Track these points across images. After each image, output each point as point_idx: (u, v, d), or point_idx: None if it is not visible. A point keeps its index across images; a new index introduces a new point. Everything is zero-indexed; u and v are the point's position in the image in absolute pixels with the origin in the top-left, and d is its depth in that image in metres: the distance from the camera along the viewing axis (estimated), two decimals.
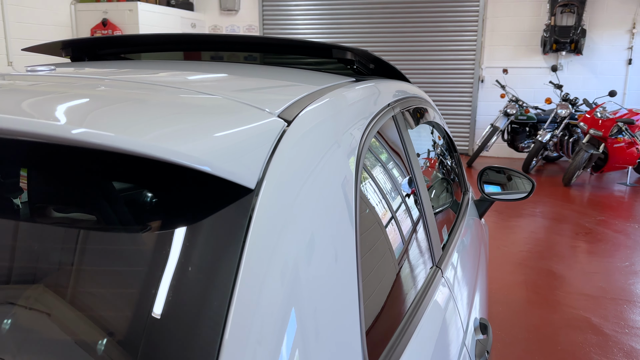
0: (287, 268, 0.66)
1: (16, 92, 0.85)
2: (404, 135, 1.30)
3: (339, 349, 0.71)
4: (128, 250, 0.71)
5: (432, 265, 1.24)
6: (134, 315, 0.64)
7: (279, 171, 0.72)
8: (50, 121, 0.65)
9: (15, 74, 1.07)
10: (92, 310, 0.69)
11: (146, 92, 0.89)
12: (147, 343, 0.61)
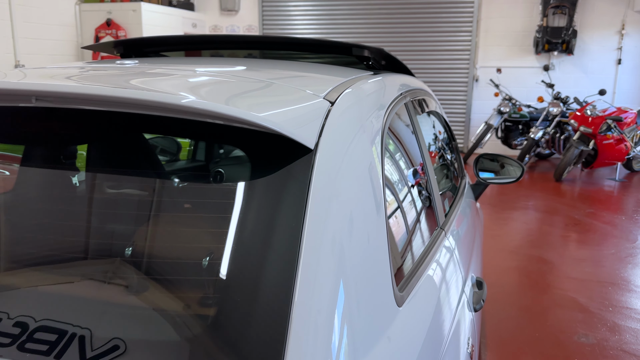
0: (341, 201, 0.90)
1: (128, 76, 1.08)
2: (414, 120, 1.54)
3: (375, 290, 0.93)
4: (217, 202, 0.94)
5: (438, 228, 1.49)
6: (216, 264, 0.87)
7: (328, 137, 0.96)
8: (168, 93, 0.89)
9: (115, 65, 1.30)
10: (186, 255, 0.92)
11: (222, 78, 1.13)
12: (230, 292, 0.82)
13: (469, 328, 1.38)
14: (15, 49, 7.79)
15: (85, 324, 0.83)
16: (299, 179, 0.89)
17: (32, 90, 0.94)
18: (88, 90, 0.89)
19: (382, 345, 0.88)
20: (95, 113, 1.00)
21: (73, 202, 1.01)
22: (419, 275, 1.16)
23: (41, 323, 0.81)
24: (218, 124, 0.90)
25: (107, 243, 0.95)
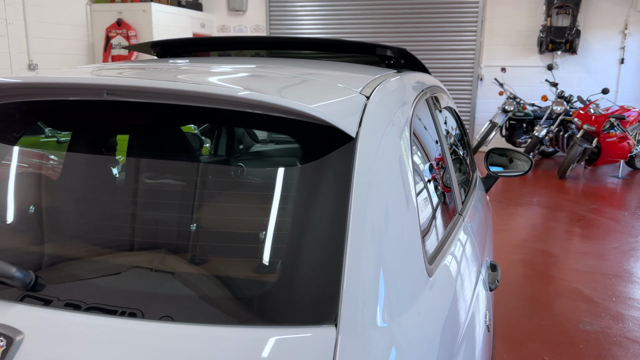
0: (379, 181, 1.03)
1: (189, 73, 1.22)
2: (434, 115, 1.67)
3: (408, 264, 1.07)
4: (275, 184, 1.08)
5: (457, 214, 1.62)
6: (280, 237, 1.01)
7: (366, 128, 1.09)
8: (226, 87, 1.02)
9: (168, 63, 1.44)
10: (241, 232, 1.05)
11: (268, 75, 1.27)
12: (283, 271, 0.95)
13: (486, 303, 1.51)
14: (28, 48, 7.94)
15: (162, 280, 0.97)
16: (344, 162, 1.03)
17: (112, 84, 1.08)
18: (165, 85, 1.03)
19: (415, 309, 1.01)
20: (157, 106, 1.14)
21: (147, 185, 1.14)
22: (444, 253, 1.29)
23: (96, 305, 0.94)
24: (268, 115, 1.04)
25: (183, 219, 1.09)
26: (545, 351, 2.93)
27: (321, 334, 0.85)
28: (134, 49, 2.05)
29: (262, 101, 0.99)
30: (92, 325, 0.90)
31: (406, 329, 0.95)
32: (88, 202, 1.19)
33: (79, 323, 0.91)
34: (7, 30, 7.63)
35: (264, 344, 0.84)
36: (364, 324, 0.89)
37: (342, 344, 0.85)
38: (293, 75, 1.33)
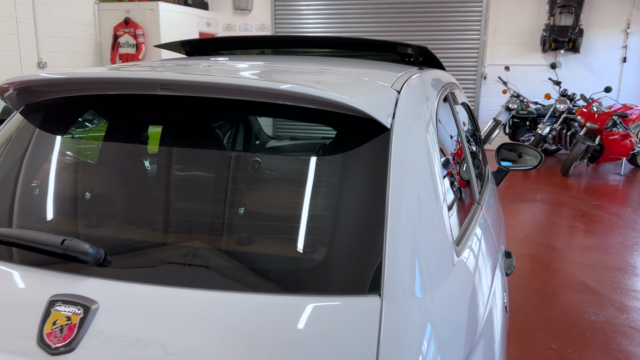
0: (411, 168, 1.13)
1: (235, 70, 1.32)
2: (454, 109, 1.77)
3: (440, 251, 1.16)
4: (321, 171, 1.18)
5: (475, 203, 1.72)
6: (329, 218, 1.11)
7: (399, 119, 1.19)
8: (275, 81, 1.12)
9: (209, 61, 1.54)
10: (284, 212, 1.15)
11: (306, 71, 1.37)
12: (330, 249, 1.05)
13: (503, 285, 1.62)
14: (38, 46, 8.04)
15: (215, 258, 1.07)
16: (380, 150, 1.13)
17: (168, 79, 1.17)
18: (222, 80, 1.13)
19: (447, 283, 1.11)
20: (207, 100, 1.24)
21: (207, 169, 1.25)
22: (467, 237, 1.39)
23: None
24: (309, 107, 1.14)
25: (240, 202, 1.18)
26: (552, 340, 3.03)
27: (368, 302, 0.95)
28: (165, 48, 2.15)
29: (313, 95, 1.08)
30: (155, 294, 1.00)
31: (438, 301, 1.05)
32: (141, 185, 1.29)
33: (144, 293, 1.01)
34: (17, 29, 7.73)
35: (324, 310, 0.95)
36: (404, 294, 0.99)
37: (386, 310, 0.95)
38: (328, 71, 1.43)
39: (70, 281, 1.03)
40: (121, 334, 0.96)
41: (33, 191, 1.31)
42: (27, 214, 1.25)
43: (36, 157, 1.36)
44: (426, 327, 0.98)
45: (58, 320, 0.98)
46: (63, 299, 1.00)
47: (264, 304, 0.96)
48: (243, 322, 0.94)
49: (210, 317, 0.95)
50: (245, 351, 0.91)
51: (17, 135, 1.38)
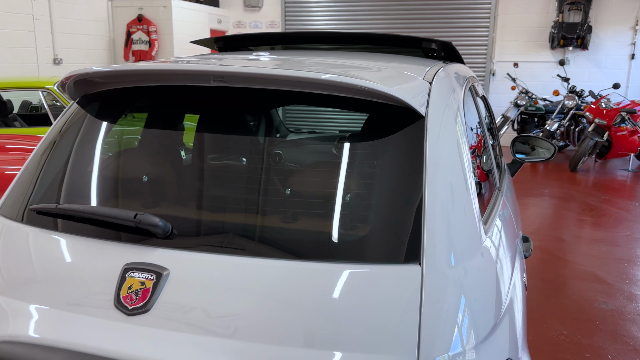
0: (444, 153, 1.24)
1: (277, 62, 1.44)
2: (476, 101, 1.88)
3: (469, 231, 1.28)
4: (360, 155, 1.29)
5: (496, 189, 1.83)
6: (373, 197, 1.22)
7: (432, 108, 1.31)
8: (316, 72, 1.24)
9: (249, 56, 1.66)
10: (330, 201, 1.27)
11: (339, 64, 1.48)
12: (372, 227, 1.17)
13: (522, 266, 1.73)
14: (53, 43, 8.18)
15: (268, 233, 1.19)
16: (417, 136, 1.24)
17: (224, 71, 1.29)
18: (273, 72, 1.24)
19: (477, 257, 1.22)
20: (255, 91, 1.35)
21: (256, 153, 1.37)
22: (492, 218, 1.51)
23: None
24: (347, 96, 1.26)
25: (288, 182, 1.30)
26: (563, 326, 3.14)
27: (411, 270, 1.07)
28: (199, 44, 2.26)
29: (358, 85, 1.19)
30: (218, 261, 1.12)
31: (470, 272, 1.16)
32: (197, 166, 1.41)
33: (208, 261, 1.13)
34: (33, 26, 7.87)
35: (373, 275, 1.06)
36: (441, 263, 1.10)
37: (426, 277, 1.06)
38: (364, 64, 1.55)
39: (142, 251, 1.15)
40: (190, 296, 1.08)
41: (93, 174, 1.43)
42: (95, 194, 1.37)
43: (94, 143, 1.48)
44: (461, 292, 1.10)
45: (133, 285, 1.10)
46: (136, 267, 1.12)
47: (327, 271, 1.07)
48: (304, 285, 1.05)
49: (267, 281, 1.07)
50: (305, 310, 1.03)
51: (75, 123, 1.50)
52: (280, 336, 1.01)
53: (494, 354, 1.11)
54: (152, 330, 1.06)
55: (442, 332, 1.02)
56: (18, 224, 1.31)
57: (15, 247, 1.26)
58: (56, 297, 1.15)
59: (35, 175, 1.41)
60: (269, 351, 1.00)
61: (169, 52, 9.21)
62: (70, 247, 1.21)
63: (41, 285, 1.18)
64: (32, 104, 7.10)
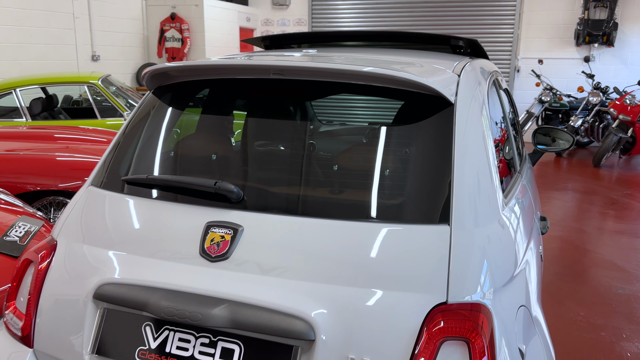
0: (472, 129, 1.46)
1: (327, 57, 1.68)
2: (499, 93, 2.10)
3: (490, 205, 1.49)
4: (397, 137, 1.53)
5: (517, 172, 2.04)
6: (412, 172, 1.45)
7: (460, 96, 1.53)
8: (362, 66, 1.47)
9: (297, 53, 1.91)
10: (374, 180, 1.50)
11: (371, 59, 1.71)
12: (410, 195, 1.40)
13: (539, 239, 1.94)
14: (92, 40, 8.56)
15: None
16: (447, 119, 1.47)
17: (284, 65, 1.53)
18: (326, 66, 1.48)
19: (497, 222, 1.44)
20: (308, 82, 1.59)
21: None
22: (513, 193, 1.72)
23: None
24: (387, 87, 1.48)
25: (340, 158, 1.53)
26: (581, 308, 3.32)
27: (442, 229, 1.30)
28: (249, 42, 2.51)
29: (397, 76, 1.42)
30: (283, 220, 1.36)
31: (491, 233, 1.38)
32: (262, 144, 1.65)
33: (275, 219, 1.37)
34: (74, 24, 8.26)
35: (403, 234, 1.29)
36: (466, 224, 1.33)
37: (453, 234, 1.29)
38: (401, 59, 1.78)
39: (220, 212, 1.40)
40: (260, 247, 1.32)
41: (168, 151, 1.69)
42: (174, 168, 1.63)
43: (167, 126, 1.74)
44: (482, 249, 1.32)
45: (214, 239, 1.36)
46: (217, 224, 1.37)
47: (372, 229, 1.31)
48: (356, 239, 1.29)
49: (324, 236, 1.31)
50: (358, 257, 1.26)
51: (150, 110, 1.76)
52: (337, 277, 1.25)
53: (509, 300, 1.33)
54: (231, 272, 1.31)
55: (466, 278, 1.25)
56: (111, 192, 1.58)
57: (111, 211, 1.53)
58: (151, 248, 1.41)
59: (118, 153, 1.68)
60: (327, 289, 1.24)
61: (201, 50, 9.54)
62: (159, 209, 1.47)
63: (137, 240, 1.44)
64: (73, 98, 7.49)
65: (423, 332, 1.18)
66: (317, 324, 1.20)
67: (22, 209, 2.93)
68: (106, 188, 1.60)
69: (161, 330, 1.31)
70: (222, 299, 1.27)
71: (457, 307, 1.20)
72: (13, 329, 1.51)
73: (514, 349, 1.25)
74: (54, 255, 1.51)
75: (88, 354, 1.36)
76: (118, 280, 1.37)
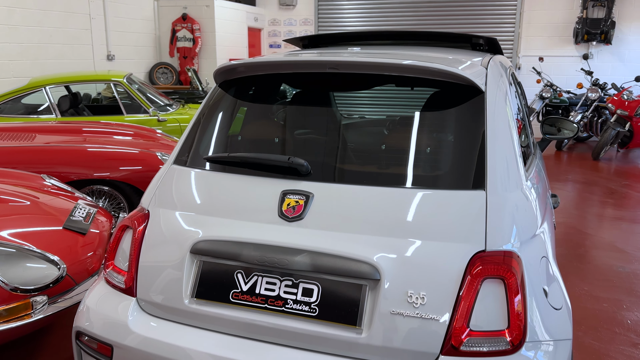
0: (500, 114, 1.76)
1: (360, 54, 1.97)
2: (516, 85, 2.39)
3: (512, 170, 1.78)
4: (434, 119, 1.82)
5: (532, 153, 2.34)
6: (436, 154, 1.75)
7: (489, 85, 1.82)
8: (396, 59, 1.76)
9: (339, 50, 2.20)
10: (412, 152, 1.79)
11: (408, 55, 2.01)
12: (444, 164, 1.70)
13: (552, 211, 2.24)
14: (107, 40, 8.84)
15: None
16: (480, 105, 1.76)
17: (338, 60, 1.82)
18: (375, 60, 1.77)
19: (521, 189, 1.73)
20: (356, 75, 1.88)
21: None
22: (531, 168, 2.02)
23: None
24: (425, 78, 1.78)
25: (386, 138, 1.82)
26: (585, 284, 3.62)
27: (478, 194, 1.59)
28: (290, 42, 2.81)
29: (435, 68, 1.72)
30: (345, 188, 1.65)
31: (517, 197, 1.68)
32: (319, 128, 1.93)
33: (338, 188, 1.66)
34: (90, 25, 8.54)
35: (448, 197, 1.59)
36: (498, 190, 1.62)
37: (488, 198, 1.58)
38: (434, 55, 2.07)
39: (292, 183, 1.69)
40: (328, 210, 1.62)
41: (238, 135, 1.98)
42: (246, 147, 1.92)
43: (232, 114, 2.03)
44: (511, 209, 1.62)
45: (290, 203, 1.65)
46: (291, 192, 1.67)
47: (422, 193, 1.60)
48: (409, 202, 1.59)
49: (382, 199, 1.60)
50: (411, 217, 1.56)
51: (217, 101, 2.05)
52: (396, 231, 1.54)
53: (533, 250, 1.63)
54: (307, 230, 1.60)
55: (499, 232, 1.54)
56: (194, 169, 1.87)
57: (198, 184, 1.82)
58: (236, 212, 1.70)
59: (195, 138, 1.97)
60: (388, 240, 1.53)
61: (212, 49, 9.82)
62: (240, 181, 1.76)
63: (223, 206, 1.73)
64: (92, 96, 7.77)
65: (467, 273, 1.48)
66: (381, 267, 1.50)
67: (77, 196, 3.22)
68: (189, 166, 1.89)
69: (251, 276, 1.61)
70: (302, 250, 1.56)
71: (493, 254, 1.50)
72: (115, 282, 1.80)
73: (539, 288, 1.55)
74: (148, 221, 1.81)
75: (188, 298, 1.65)
76: (212, 237, 1.66)
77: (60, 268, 2.37)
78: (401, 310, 1.47)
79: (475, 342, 1.43)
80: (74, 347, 1.85)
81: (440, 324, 1.44)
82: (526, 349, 1.44)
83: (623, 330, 3.03)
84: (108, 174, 4.06)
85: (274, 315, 1.56)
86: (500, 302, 1.45)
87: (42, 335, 2.88)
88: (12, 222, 2.51)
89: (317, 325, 1.52)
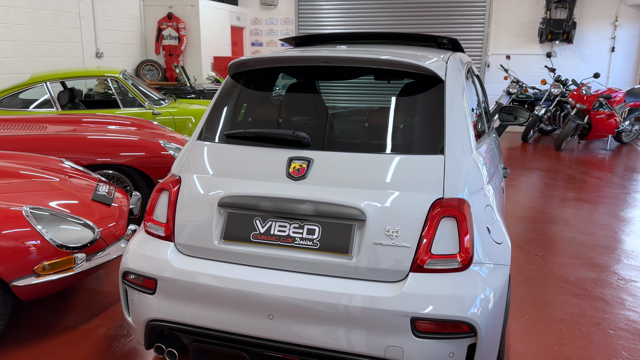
0: (457, 99, 2.27)
1: (349, 51, 2.47)
2: (473, 78, 2.91)
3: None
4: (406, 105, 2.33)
5: (486, 132, 2.86)
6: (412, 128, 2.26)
7: (448, 76, 2.33)
8: (378, 55, 2.26)
9: (328, 48, 2.69)
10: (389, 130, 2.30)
11: (385, 52, 2.51)
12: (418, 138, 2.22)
13: (501, 179, 2.76)
14: (96, 39, 9.17)
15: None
16: (440, 91, 2.27)
17: (334, 56, 2.31)
18: (359, 55, 2.26)
19: (472, 155, 2.24)
20: (344, 68, 2.37)
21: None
22: (481, 144, 2.54)
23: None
24: (394, 70, 2.28)
25: (367, 116, 2.32)
26: (538, 250, 4.19)
27: (439, 157, 2.09)
28: (285, 41, 3.28)
29: (406, 62, 2.22)
30: (339, 155, 2.14)
31: (469, 160, 2.18)
32: (314, 110, 2.42)
33: (333, 155, 2.15)
34: (80, 23, 8.86)
35: (415, 160, 2.08)
36: (455, 154, 2.13)
37: (447, 162, 2.09)
38: (404, 52, 2.57)
39: (296, 152, 2.18)
40: (326, 171, 2.10)
41: (249, 116, 2.46)
42: (257, 125, 2.40)
43: (243, 100, 2.50)
44: (463, 168, 2.12)
45: (295, 167, 2.13)
46: (295, 158, 2.15)
47: (394, 158, 2.10)
48: (387, 164, 2.08)
49: (366, 162, 2.10)
50: (389, 174, 2.06)
51: (229, 89, 2.53)
52: (376, 185, 2.04)
53: (479, 200, 2.14)
54: (309, 186, 2.09)
55: (454, 184, 2.05)
56: (215, 143, 2.34)
57: (220, 154, 2.29)
58: (252, 175, 2.17)
59: (213, 118, 2.44)
60: (370, 192, 2.03)
61: (197, 47, 10.21)
62: (254, 151, 2.23)
63: (242, 170, 2.20)
64: (83, 92, 8.11)
65: (430, 213, 1.98)
66: (366, 211, 1.99)
67: (94, 176, 3.65)
68: (210, 141, 2.36)
69: (267, 221, 2.09)
70: (306, 200, 2.05)
71: (449, 200, 2.01)
72: (155, 232, 2.26)
73: (483, 226, 2.06)
74: (181, 184, 2.27)
75: (217, 239, 2.12)
76: (236, 193, 2.14)
77: (95, 231, 2.82)
78: (381, 241, 1.96)
79: (435, 262, 1.94)
80: (120, 286, 2.30)
81: (409, 250, 1.95)
82: (473, 266, 1.95)
83: (567, 285, 3.59)
84: (109, 160, 4.45)
85: (285, 250, 2.05)
86: (454, 234, 1.96)
87: (67, 297, 3.32)
88: (52, 195, 2.94)
89: (318, 255, 2.01)
